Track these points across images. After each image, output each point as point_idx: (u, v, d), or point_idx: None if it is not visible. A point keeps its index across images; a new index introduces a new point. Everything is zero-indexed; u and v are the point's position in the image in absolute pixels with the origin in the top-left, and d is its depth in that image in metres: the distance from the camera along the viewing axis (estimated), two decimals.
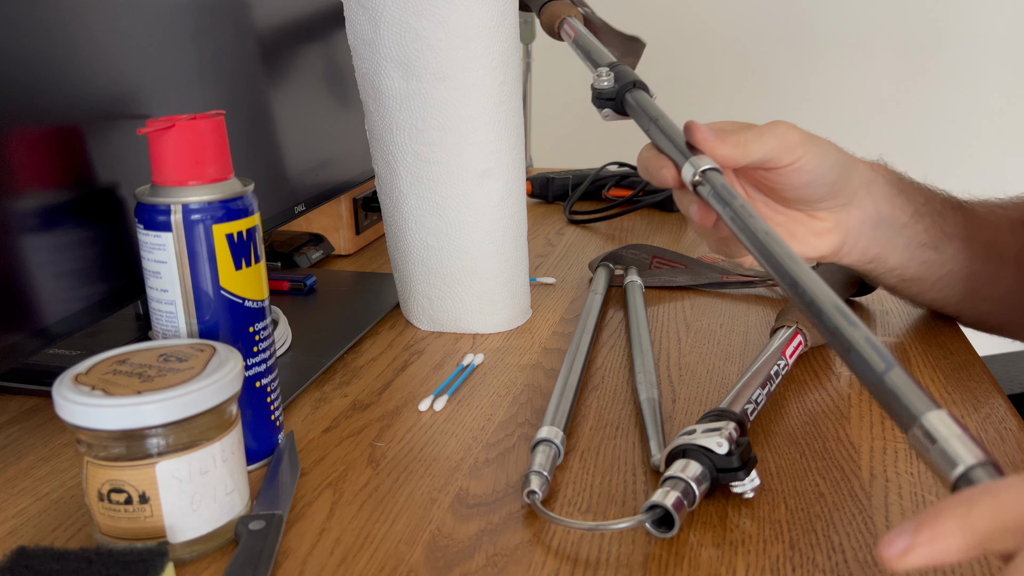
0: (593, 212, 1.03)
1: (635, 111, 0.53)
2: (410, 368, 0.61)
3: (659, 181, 0.50)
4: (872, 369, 0.35)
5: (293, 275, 0.77)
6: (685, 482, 0.41)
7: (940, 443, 0.32)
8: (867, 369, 0.36)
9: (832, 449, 0.49)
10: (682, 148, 0.49)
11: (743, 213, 0.44)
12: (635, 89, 0.54)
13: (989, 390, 0.56)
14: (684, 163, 0.48)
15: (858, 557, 0.39)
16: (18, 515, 0.44)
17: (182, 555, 0.39)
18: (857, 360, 0.36)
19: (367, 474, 0.47)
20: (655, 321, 0.69)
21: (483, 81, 0.60)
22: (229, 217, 0.44)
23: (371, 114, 0.64)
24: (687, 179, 0.48)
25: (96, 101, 0.49)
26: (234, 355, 0.41)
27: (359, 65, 0.63)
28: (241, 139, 0.63)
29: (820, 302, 0.39)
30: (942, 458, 0.32)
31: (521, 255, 0.67)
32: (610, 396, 0.56)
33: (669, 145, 0.49)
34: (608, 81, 0.54)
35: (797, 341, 0.57)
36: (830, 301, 0.38)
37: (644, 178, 0.52)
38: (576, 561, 0.39)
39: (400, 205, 0.65)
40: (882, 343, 0.36)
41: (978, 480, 0.31)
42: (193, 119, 0.44)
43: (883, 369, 0.35)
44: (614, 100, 0.54)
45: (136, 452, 0.37)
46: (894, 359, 0.35)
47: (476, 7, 0.58)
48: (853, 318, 0.37)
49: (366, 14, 0.60)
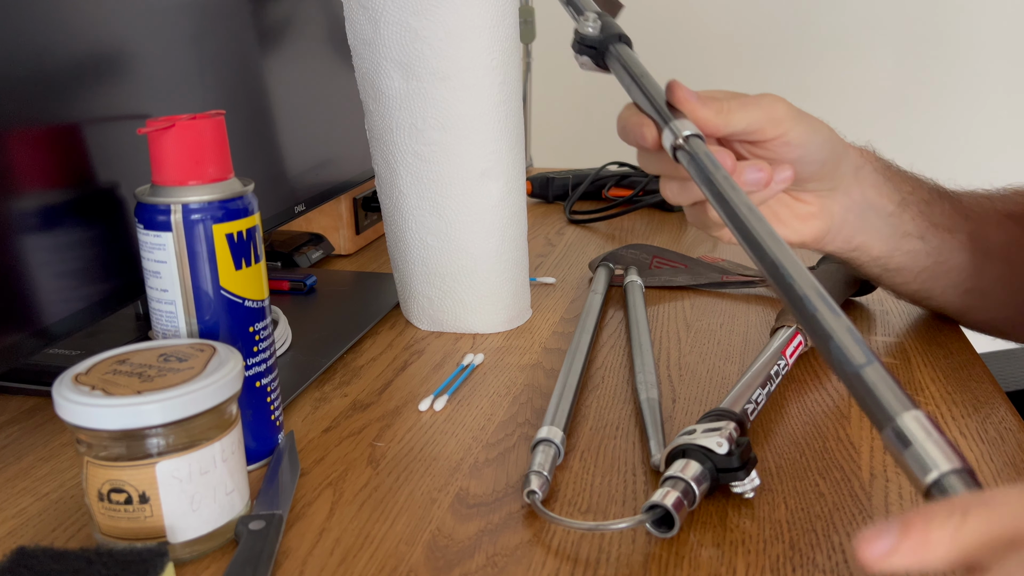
0: (593, 212, 1.03)
1: (617, 66, 0.50)
2: (410, 368, 0.61)
3: (636, 140, 0.48)
4: (850, 362, 0.34)
5: (293, 275, 0.77)
6: (685, 482, 0.41)
7: (914, 446, 0.30)
8: (845, 361, 0.34)
9: (832, 449, 0.49)
10: (663, 110, 0.46)
11: (725, 185, 0.42)
12: (620, 43, 0.51)
13: (989, 390, 0.56)
14: (665, 126, 0.45)
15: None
16: (18, 515, 0.44)
17: (182, 555, 0.39)
18: (835, 351, 0.34)
19: (367, 474, 0.47)
20: (655, 321, 0.69)
21: (483, 81, 0.60)
22: (229, 217, 0.44)
23: (371, 114, 0.64)
24: (667, 143, 0.45)
25: (96, 101, 0.49)
26: (234, 355, 0.41)
27: (359, 65, 0.63)
28: (241, 139, 0.63)
29: (801, 287, 0.36)
30: (916, 462, 0.30)
31: (521, 255, 0.67)
32: (610, 396, 0.56)
33: (650, 105, 0.47)
34: (594, 28, 0.51)
35: (797, 341, 0.57)
36: (811, 286, 0.36)
37: (621, 139, 0.49)
38: (576, 561, 0.39)
39: (400, 205, 0.65)
40: (862, 337, 0.34)
41: (952, 488, 0.29)
42: (193, 119, 0.44)
43: (862, 363, 0.33)
44: (596, 49, 0.52)
45: (136, 452, 0.37)
46: (875, 355, 0.34)
47: (476, 7, 0.58)
48: (835, 307, 0.36)
49: (366, 14, 0.60)
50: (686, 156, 0.44)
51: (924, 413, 0.32)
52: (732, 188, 0.42)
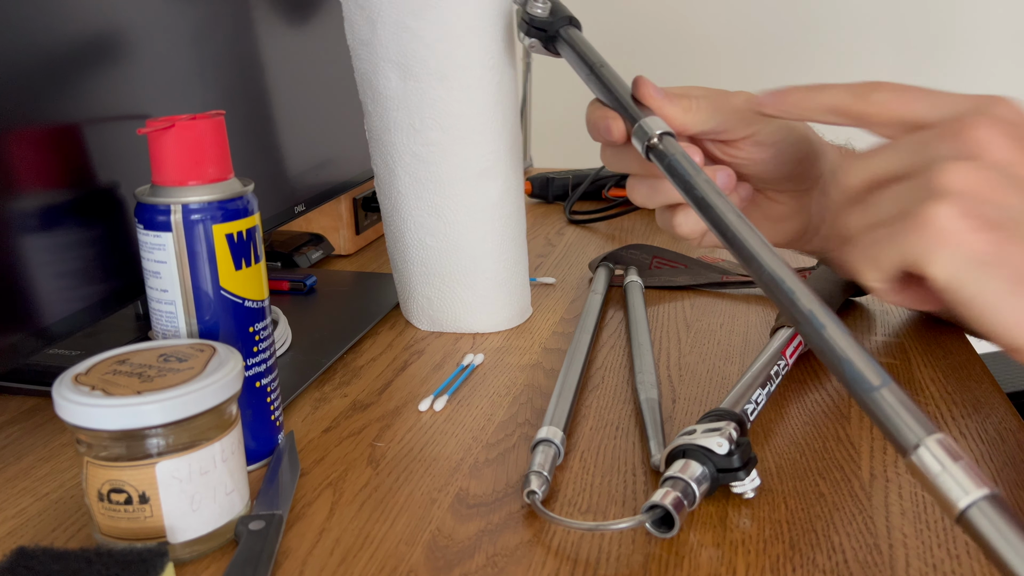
0: (593, 212, 1.03)
1: (568, 51, 0.49)
2: (410, 368, 0.61)
3: (602, 135, 0.46)
4: (865, 383, 0.33)
5: (293, 275, 0.77)
6: (685, 482, 0.41)
7: (944, 473, 0.31)
8: (860, 383, 0.33)
9: (832, 449, 0.49)
10: (630, 105, 0.44)
11: (707, 189, 0.40)
12: (570, 26, 0.50)
13: (989, 390, 0.56)
14: (636, 121, 0.43)
15: (858, 557, 0.39)
16: (18, 515, 0.44)
17: (182, 555, 0.39)
18: (850, 373, 0.34)
19: (367, 474, 0.47)
20: (655, 321, 0.69)
21: (481, 80, 0.60)
22: (229, 217, 0.44)
23: (369, 114, 0.64)
24: (638, 143, 0.43)
25: (96, 101, 0.49)
26: (234, 355, 0.41)
27: (357, 65, 0.63)
28: (241, 139, 0.63)
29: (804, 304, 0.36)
30: (945, 488, 0.31)
31: (520, 254, 0.67)
32: (610, 396, 0.56)
33: (614, 99, 0.45)
34: (543, 10, 0.50)
35: (797, 341, 0.57)
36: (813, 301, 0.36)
37: (590, 135, 0.47)
38: (576, 561, 0.39)
39: (399, 205, 0.65)
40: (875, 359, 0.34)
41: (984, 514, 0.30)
42: (193, 119, 0.44)
43: (877, 385, 0.33)
44: (545, 32, 0.50)
45: (136, 452, 0.37)
46: (889, 376, 0.34)
47: (472, 6, 0.58)
48: (843, 326, 0.35)
49: (363, 14, 0.60)
50: (661, 156, 0.43)
51: (946, 436, 0.32)
52: (717, 195, 0.40)
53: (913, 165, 0.36)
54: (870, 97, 0.38)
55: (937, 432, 0.32)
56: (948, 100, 0.37)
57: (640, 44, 1.66)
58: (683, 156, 0.42)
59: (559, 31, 0.50)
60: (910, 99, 0.37)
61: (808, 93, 0.40)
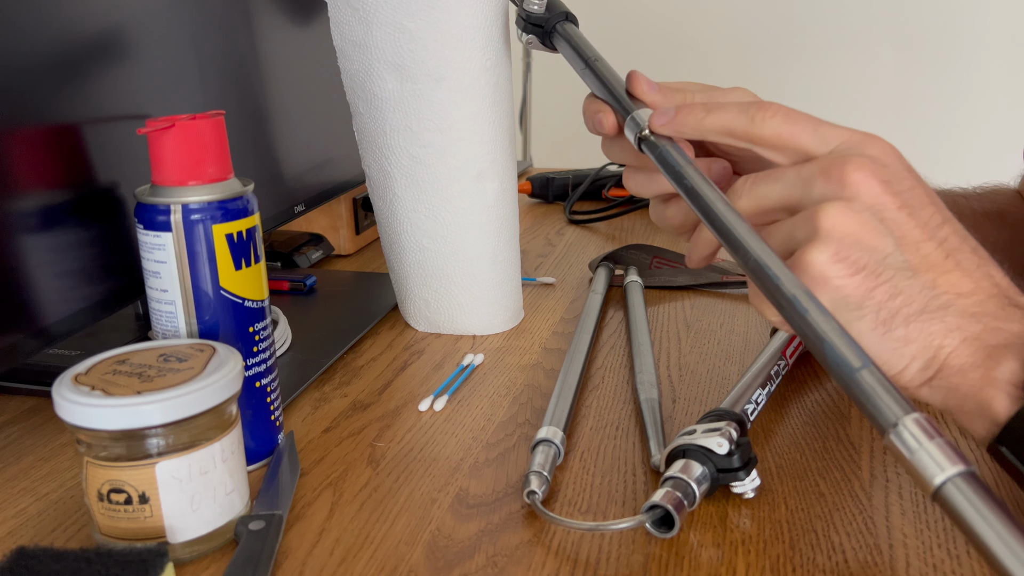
0: (593, 212, 1.03)
1: (565, 47, 0.50)
2: (410, 368, 0.61)
3: (595, 127, 0.46)
4: (846, 365, 0.34)
5: (293, 275, 0.77)
6: (685, 482, 0.41)
7: (919, 450, 0.32)
8: (840, 364, 0.34)
9: (832, 449, 0.49)
10: (623, 98, 0.45)
11: (702, 188, 0.41)
12: (566, 22, 0.51)
13: None
14: (628, 114, 0.44)
15: (858, 557, 0.39)
16: (18, 515, 0.44)
17: (182, 555, 0.39)
18: (830, 354, 0.35)
19: (367, 474, 0.47)
20: (655, 321, 0.69)
21: (479, 82, 0.60)
22: (229, 217, 0.44)
23: (361, 116, 0.64)
24: (631, 135, 0.44)
25: (96, 101, 0.49)
26: (234, 355, 0.41)
27: (347, 67, 0.63)
28: (241, 139, 0.63)
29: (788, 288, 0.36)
30: (921, 466, 0.32)
31: (514, 256, 0.67)
32: (610, 396, 0.56)
33: (607, 92, 0.46)
34: (539, 6, 0.51)
35: (797, 341, 0.57)
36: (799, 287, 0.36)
37: (587, 128, 0.48)
38: (576, 561, 0.39)
39: (395, 208, 0.65)
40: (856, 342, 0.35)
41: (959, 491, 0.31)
42: (193, 119, 0.44)
43: (857, 367, 0.34)
44: (542, 28, 0.51)
45: (136, 452, 0.37)
46: (869, 358, 0.34)
47: (470, 7, 0.58)
48: (824, 309, 0.36)
49: (356, 15, 0.60)
50: (652, 147, 0.43)
51: (924, 415, 0.32)
52: (706, 184, 0.41)
53: (797, 200, 0.39)
54: (762, 123, 0.40)
55: (915, 412, 0.33)
56: (832, 134, 0.40)
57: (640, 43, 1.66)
58: (673, 147, 0.43)
59: (555, 26, 0.51)
60: (798, 131, 0.40)
61: (702, 114, 0.42)
